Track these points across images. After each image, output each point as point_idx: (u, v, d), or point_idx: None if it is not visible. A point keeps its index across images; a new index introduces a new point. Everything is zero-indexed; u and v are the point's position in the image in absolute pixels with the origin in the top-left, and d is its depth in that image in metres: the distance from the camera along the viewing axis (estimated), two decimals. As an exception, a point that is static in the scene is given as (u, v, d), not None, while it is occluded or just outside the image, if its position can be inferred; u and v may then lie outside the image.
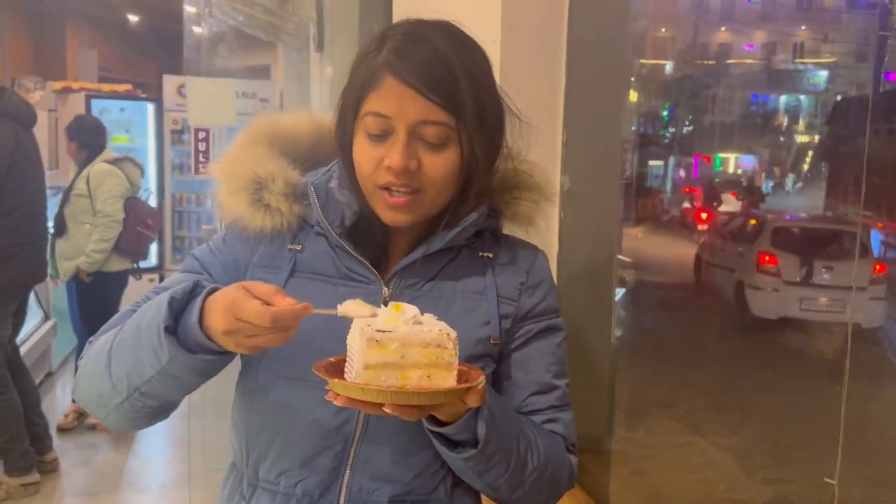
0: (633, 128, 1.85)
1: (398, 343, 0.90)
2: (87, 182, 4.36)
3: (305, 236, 1.12)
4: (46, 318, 5.14)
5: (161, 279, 4.80)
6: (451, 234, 1.09)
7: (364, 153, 1.04)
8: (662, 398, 1.84)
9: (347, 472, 1.07)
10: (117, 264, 4.46)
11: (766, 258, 4.72)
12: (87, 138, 4.55)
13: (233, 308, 0.90)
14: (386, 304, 1.04)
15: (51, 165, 5.47)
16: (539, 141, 1.85)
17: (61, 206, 4.38)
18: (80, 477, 3.95)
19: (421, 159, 1.03)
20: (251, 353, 0.96)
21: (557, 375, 1.16)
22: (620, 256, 1.78)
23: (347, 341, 0.94)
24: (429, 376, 0.91)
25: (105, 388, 1.02)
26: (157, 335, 0.94)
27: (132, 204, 4.50)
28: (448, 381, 0.92)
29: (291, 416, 1.07)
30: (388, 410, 0.89)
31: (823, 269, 4.47)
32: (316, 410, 1.06)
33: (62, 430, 4.43)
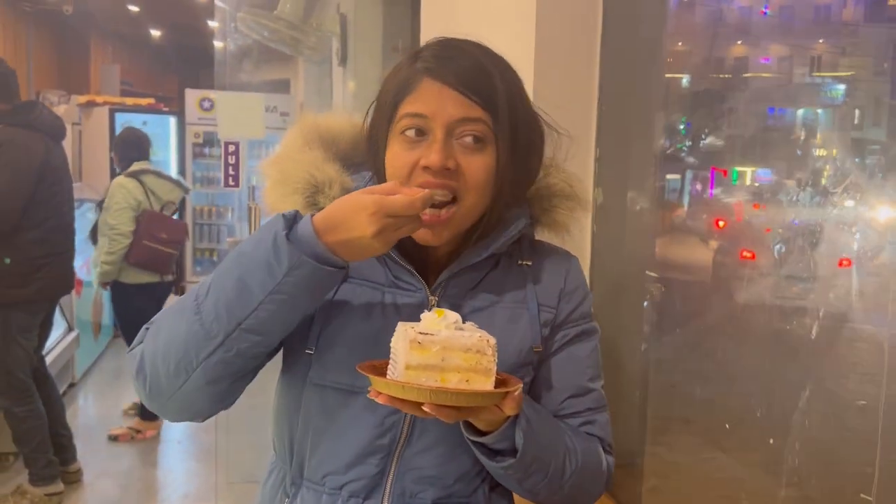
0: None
1: (439, 346, 0.92)
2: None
3: None
4: (70, 329, 5.20)
5: (181, 291, 4.80)
6: (497, 243, 1.10)
7: (398, 157, 1.04)
8: (685, 413, 1.84)
9: (392, 475, 1.10)
10: (135, 276, 4.46)
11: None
12: (123, 150, 4.71)
13: (379, 209, 0.92)
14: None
15: (74, 178, 5.54)
16: (572, 155, 1.86)
17: (98, 216, 4.58)
18: (104, 487, 3.97)
19: (458, 160, 1.03)
20: (388, 248, 0.98)
21: (593, 378, 1.19)
22: (648, 272, 1.78)
23: (391, 344, 0.97)
24: (467, 380, 0.93)
25: (193, 338, 0.98)
26: (274, 245, 0.94)
27: (143, 217, 4.45)
28: (486, 386, 0.94)
29: (338, 421, 1.09)
30: (427, 409, 0.91)
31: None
32: (362, 416, 1.08)
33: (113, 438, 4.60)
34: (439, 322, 0.95)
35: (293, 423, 1.13)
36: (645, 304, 1.81)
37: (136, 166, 4.60)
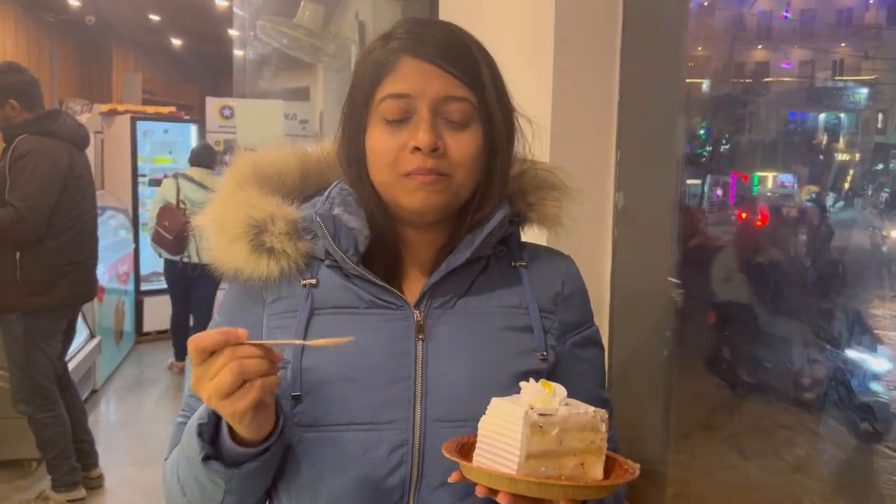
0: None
1: (558, 428, 0.82)
2: None
3: (316, 270, 1.03)
4: (92, 336, 5.24)
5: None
6: (481, 237, 1.01)
7: (382, 143, 0.97)
8: (706, 420, 1.83)
9: None
10: (163, 253, 5.64)
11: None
12: (192, 158, 5.81)
13: (206, 385, 0.83)
14: (420, 330, 0.99)
15: (97, 186, 5.58)
16: (592, 158, 1.84)
17: None
18: (125, 493, 3.98)
19: (445, 140, 0.96)
20: (257, 428, 0.87)
21: (602, 385, 1.13)
22: (670, 279, 1.77)
23: (481, 425, 0.85)
24: (582, 464, 0.83)
25: None
26: (204, 469, 0.90)
27: (162, 209, 5.54)
28: (598, 467, 0.84)
29: (338, 467, 0.97)
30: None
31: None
32: (365, 457, 0.96)
33: None
34: (552, 399, 0.84)
35: (288, 482, 1.00)
36: (667, 309, 1.79)
37: (188, 170, 5.68)
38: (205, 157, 5.74)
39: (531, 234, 1.15)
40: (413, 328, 1.00)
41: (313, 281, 1.02)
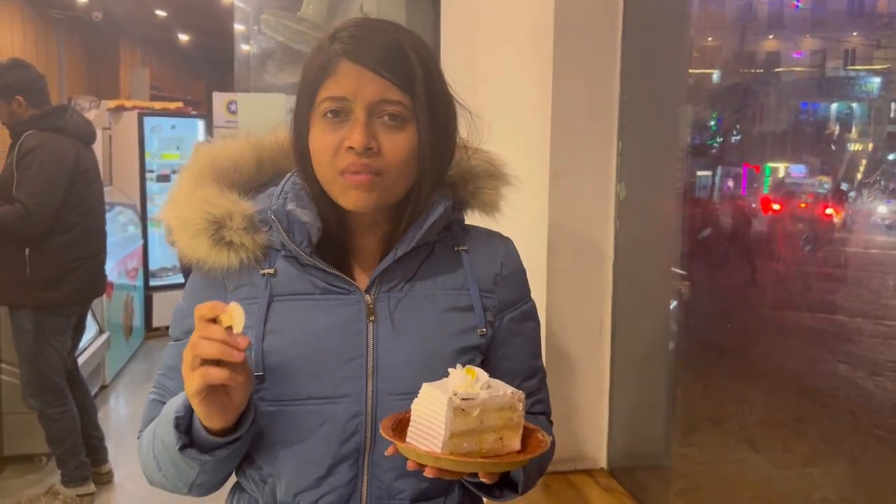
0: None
1: (479, 409, 0.93)
2: None
3: (273, 260, 1.12)
4: (101, 331, 5.26)
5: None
6: (422, 229, 1.10)
7: (321, 139, 1.05)
8: (715, 413, 1.81)
9: (365, 479, 1.09)
10: None
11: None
12: None
13: (193, 354, 0.93)
14: (371, 313, 1.09)
15: (105, 182, 5.61)
16: (593, 148, 1.83)
17: None
18: (134, 488, 3.99)
19: (380, 140, 1.04)
20: (209, 414, 0.97)
21: (537, 355, 1.24)
22: (675, 269, 1.75)
23: (414, 406, 0.96)
24: (501, 438, 0.95)
25: (169, 485, 1.10)
26: (180, 456, 1.00)
27: None
28: (515, 440, 0.97)
29: (299, 438, 1.08)
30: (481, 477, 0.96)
31: None
32: (322, 428, 1.07)
33: None
34: (475, 384, 0.95)
35: (255, 449, 1.11)
36: (673, 302, 1.78)
37: None
38: None
39: (478, 219, 1.23)
40: (364, 311, 1.09)
41: (271, 270, 1.11)
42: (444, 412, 0.91)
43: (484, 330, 1.14)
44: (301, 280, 1.10)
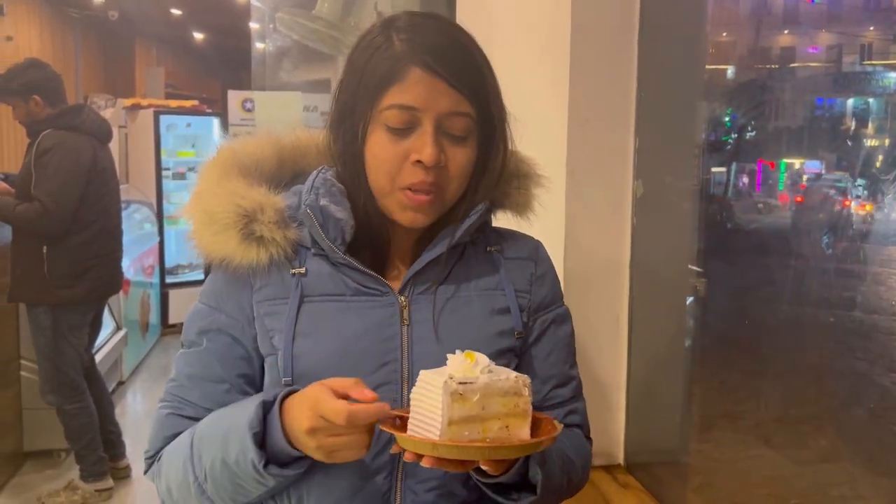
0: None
1: (479, 395, 0.87)
2: None
3: (304, 259, 1.06)
4: (118, 328, 5.30)
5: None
6: (460, 231, 1.06)
7: (385, 149, 0.99)
8: (731, 409, 1.80)
9: (398, 493, 1.04)
10: None
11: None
12: None
13: (316, 405, 0.88)
14: (405, 315, 1.04)
15: (121, 180, 5.67)
16: (610, 145, 1.83)
17: None
18: (152, 484, 4.03)
19: (446, 153, 1.00)
20: (330, 459, 0.91)
21: (572, 365, 1.19)
22: (692, 266, 1.75)
23: (413, 396, 0.90)
24: (507, 426, 0.89)
25: None
26: (257, 475, 0.93)
27: None
28: (524, 429, 0.90)
29: None
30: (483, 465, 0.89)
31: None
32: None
33: None
34: (474, 368, 0.89)
35: None
36: (689, 299, 1.77)
37: None
38: None
39: (504, 221, 1.20)
40: (398, 314, 1.05)
41: (302, 270, 1.05)
42: (441, 398, 0.86)
43: (521, 332, 1.11)
44: (333, 280, 1.05)
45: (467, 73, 1.00)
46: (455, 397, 0.86)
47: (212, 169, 1.08)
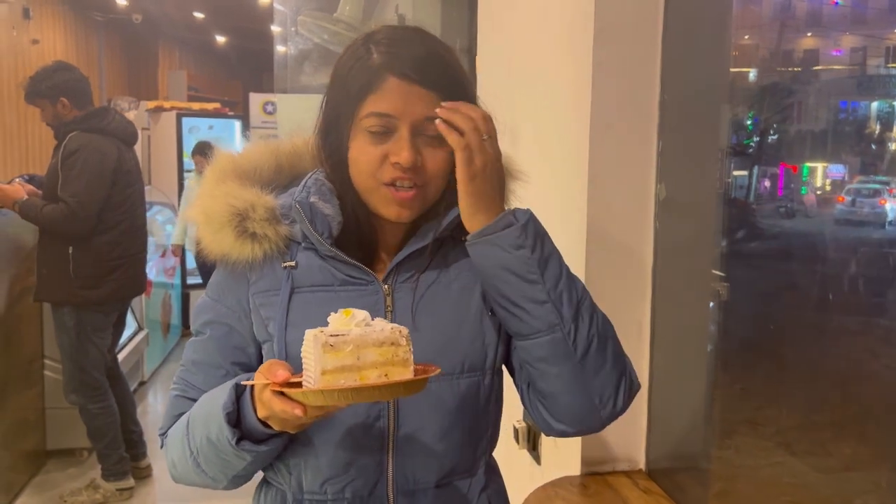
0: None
1: (352, 345, 0.93)
2: None
3: (294, 253, 1.15)
4: (140, 328, 5.34)
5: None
6: (441, 225, 1.13)
7: (365, 151, 1.07)
8: (752, 415, 1.79)
9: (391, 465, 1.12)
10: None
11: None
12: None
13: (259, 398, 0.98)
14: (387, 301, 1.13)
15: (145, 182, 5.71)
16: (633, 148, 1.82)
17: None
18: (173, 483, 4.03)
19: (423, 155, 1.07)
20: (299, 430, 1.03)
21: None
22: (715, 271, 1.74)
23: (302, 354, 0.96)
24: (386, 374, 0.94)
25: (204, 481, 1.12)
26: (233, 450, 1.03)
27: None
28: (405, 376, 0.95)
29: (323, 425, 1.10)
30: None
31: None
32: (345, 417, 1.11)
33: None
34: (348, 322, 0.95)
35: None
36: (711, 303, 1.76)
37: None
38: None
39: None
40: (382, 301, 1.13)
41: (293, 263, 1.14)
42: (313, 350, 0.92)
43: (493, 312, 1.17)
44: (322, 272, 1.13)
45: (440, 76, 1.07)
46: (326, 349, 0.91)
47: (210, 174, 1.18)
